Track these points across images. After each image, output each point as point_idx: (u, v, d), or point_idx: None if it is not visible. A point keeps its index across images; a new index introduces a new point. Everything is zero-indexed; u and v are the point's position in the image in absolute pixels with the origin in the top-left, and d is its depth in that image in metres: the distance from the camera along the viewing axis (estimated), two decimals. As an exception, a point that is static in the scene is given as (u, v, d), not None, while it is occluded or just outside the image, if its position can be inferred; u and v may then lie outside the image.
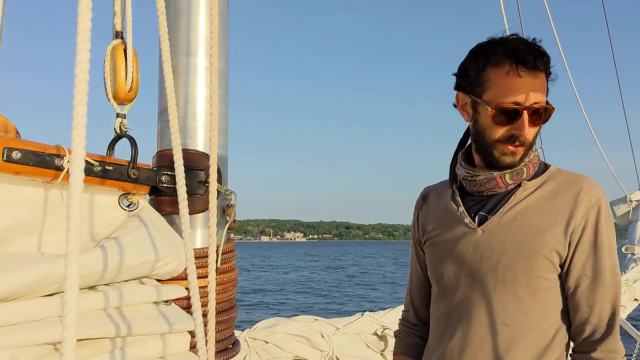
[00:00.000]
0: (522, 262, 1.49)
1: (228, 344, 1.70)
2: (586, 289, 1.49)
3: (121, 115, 1.63)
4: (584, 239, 1.49)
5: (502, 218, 1.54)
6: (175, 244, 1.59)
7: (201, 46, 1.73)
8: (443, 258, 1.63)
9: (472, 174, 1.59)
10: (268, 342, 3.07)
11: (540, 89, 1.50)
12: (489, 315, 1.52)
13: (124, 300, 1.44)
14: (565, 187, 1.54)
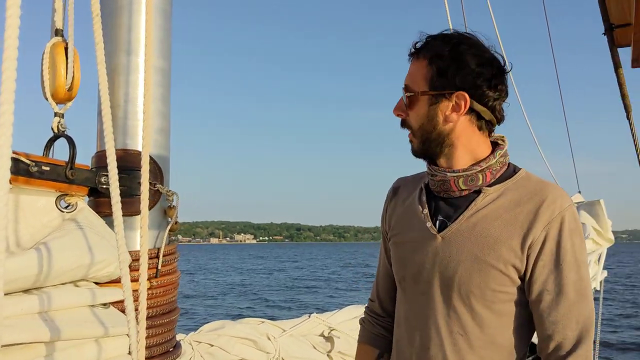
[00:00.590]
0: (477, 274, 1.45)
1: (169, 347, 1.67)
2: (548, 305, 1.43)
3: (59, 114, 1.59)
4: (544, 254, 1.43)
5: (461, 226, 1.50)
6: (114, 247, 1.56)
7: (142, 45, 1.71)
8: (405, 261, 1.60)
9: (431, 172, 1.57)
10: (213, 345, 3.04)
11: (411, 73, 1.52)
12: (446, 323, 1.49)
13: (59, 304, 1.40)
14: (528, 197, 1.47)
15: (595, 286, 7.76)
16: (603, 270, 8.12)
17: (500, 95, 1.52)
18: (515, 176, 1.53)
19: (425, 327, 1.53)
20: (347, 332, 3.72)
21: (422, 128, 1.52)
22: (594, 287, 7.72)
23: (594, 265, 7.65)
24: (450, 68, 1.47)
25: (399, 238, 1.65)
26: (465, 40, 1.50)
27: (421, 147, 1.54)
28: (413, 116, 1.52)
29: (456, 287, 1.47)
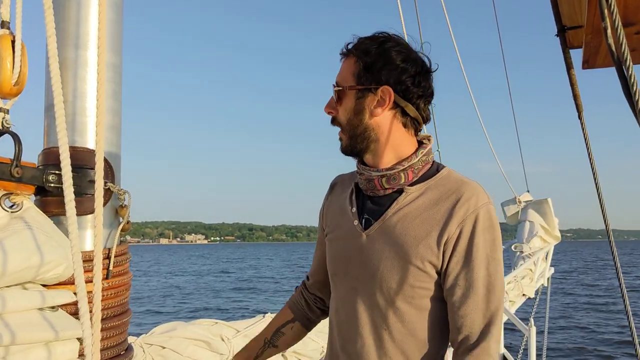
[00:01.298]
0: (397, 272, 1.51)
1: (121, 350, 1.63)
2: (458, 299, 1.49)
3: (4, 110, 1.53)
4: (457, 250, 1.48)
5: (384, 224, 1.55)
6: (62, 247, 1.51)
7: (92, 39, 1.66)
8: (336, 257, 1.66)
9: (359, 171, 1.62)
10: (165, 347, 2.99)
11: (342, 70, 1.58)
12: (371, 318, 1.55)
13: (4, 307, 1.35)
14: (446, 196, 1.52)
15: (543, 283, 7.97)
16: (550, 267, 8.34)
17: (424, 92, 1.57)
18: (437, 175, 1.58)
19: (353, 321, 1.58)
20: (301, 331, 3.71)
21: (350, 122, 1.57)
22: (541, 283, 7.93)
23: (541, 263, 7.85)
24: (376, 63, 1.52)
25: (332, 235, 1.70)
26: (392, 39, 1.56)
27: (349, 143, 1.58)
28: (342, 112, 1.57)
29: (378, 283, 1.53)
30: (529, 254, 7.78)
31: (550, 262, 8.29)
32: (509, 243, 8.25)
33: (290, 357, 3.61)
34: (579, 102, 1.90)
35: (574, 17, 1.67)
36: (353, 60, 1.56)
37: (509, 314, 4.96)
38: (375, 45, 1.54)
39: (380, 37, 1.56)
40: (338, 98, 1.57)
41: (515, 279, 6.94)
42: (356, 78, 1.55)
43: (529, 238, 8.09)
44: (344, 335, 1.61)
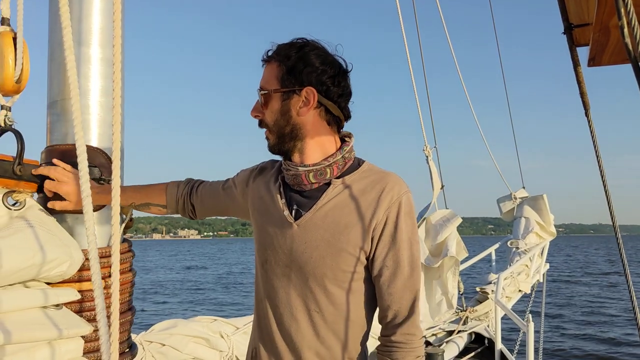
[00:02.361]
0: (329, 258, 1.60)
1: (124, 348, 1.63)
2: (387, 279, 1.61)
3: (6, 107, 1.52)
4: (384, 234, 1.60)
5: (315, 215, 1.64)
6: (66, 245, 1.51)
7: (95, 36, 1.65)
8: (266, 246, 1.73)
9: (286, 167, 1.70)
10: (165, 345, 2.98)
11: (266, 75, 1.67)
12: (303, 302, 1.64)
13: (8, 306, 1.34)
14: (371, 187, 1.64)
15: (539, 278, 7.99)
16: (546, 263, 8.36)
17: (344, 91, 1.68)
18: (360, 169, 1.70)
19: (286, 305, 1.67)
20: (300, 328, 3.71)
21: (277, 124, 1.65)
22: (537, 279, 7.94)
23: (537, 259, 7.86)
24: (297, 67, 1.62)
25: (261, 221, 1.77)
26: (310, 44, 1.67)
27: (277, 143, 1.66)
28: (268, 114, 1.65)
29: (311, 269, 1.62)
30: (524, 250, 7.78)
31: (545, 257, 8.30)
32: (505, 239, 8.26)
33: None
34: (585, 100, 1.89)
35: (581, 15, 1.67)
36: (275, 65, 1.65)
37: (506, 310, 4.97)
38: (295, 50, 1.64)
39: (299, 42, 1.67)
40: (264, 102, 1.66)
41: (511, 274, 6.95)
42: (280, 81, 1.64)
43: (524, 234, 8.09)
44: (278, 318, 1.69)
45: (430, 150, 5.53)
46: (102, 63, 1.67)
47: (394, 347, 1.61)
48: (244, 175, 1.88)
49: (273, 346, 1.69)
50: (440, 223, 5.67)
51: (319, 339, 1.64)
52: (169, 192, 1.89)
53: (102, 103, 1.67)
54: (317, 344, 1.64)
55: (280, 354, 1.68)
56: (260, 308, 1.75)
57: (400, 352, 1.60)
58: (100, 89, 1.66)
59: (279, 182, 1.74)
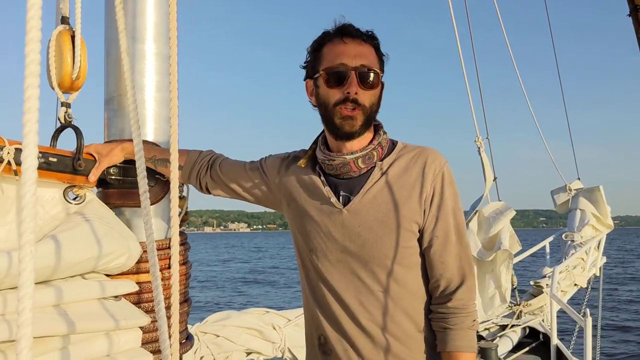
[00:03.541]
0: (387, 237, 1.63)
1: (182, 339, 1.66)
2: (438, 249, 1.65)
3: (66, 104, 1.56)
4: (433, 205, 1.66)
5: (364, 198, 1.66)
6: (124, 238, 1.54)
7: (149, 32, 1.67)
8: (313, 234, 1.73)
9: (329, 158, 1.68)
10: (219, 336, 3.03)
11: (366, 55, 1.64)
12: (367, 285, 1.66)
13: (70, 297, 1.38)
14: (413, 162, 1.69)
15: (595, 272, 7.78)
16: (602, 256, 8.13)
17: None
18: (396, 148, 1.73)
19: (347, 290, 1.67)
20: (351, 321, 3.71)
21: (373, 107, 1.66)
22: (593, 273, 7.73)
23: (593, 252, 7.66)
24: (382, 54, 1.69)
25: (304, 211, 1.75)
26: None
27: (362, 125, 1.63)
28: (368, 95, 1.63)
29: (369, 251, 1.64)
30: (580, 243, 7.59)
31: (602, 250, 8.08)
32: (560, 232, 8.07)
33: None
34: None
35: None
36: (372, 48, 1.67)
37: (562, 304, 4.84)
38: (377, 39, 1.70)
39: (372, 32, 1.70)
40: (368, 80, 1.63)
41: (567, 268, 6.79)
42: (379, 65, 1.67)
43: (580, 227, 7.89)
44: (341, 303, 1.69)
45: (482, 142, 5.43)
46: (157, 58, 1.69)
47: (451, 313, 1.64)
48: (274, 162, 1.85)
49: (342, 331, 1.69)
50: (493, 216, 5.57)
51: (388, 317, 1.65)
52: (189, 157, 1.86)
53: (157, 98, 1.69)
54: (386, 322, 1.65)
55: (352, 337, 1.68)
56: (317, 296, 1.75)
57: (457, 317, 1.64)
58: (155, 85, 1.69)
59: (317, 171, 1.74)
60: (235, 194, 1.88)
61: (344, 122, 1.62)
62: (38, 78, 0.58)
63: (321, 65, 1.66)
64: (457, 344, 1.63)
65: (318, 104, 1.68)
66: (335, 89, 1.62)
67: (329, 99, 1.63)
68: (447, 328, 1.65)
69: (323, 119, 1.69)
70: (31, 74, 0.57)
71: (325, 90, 1.64)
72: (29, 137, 0.58)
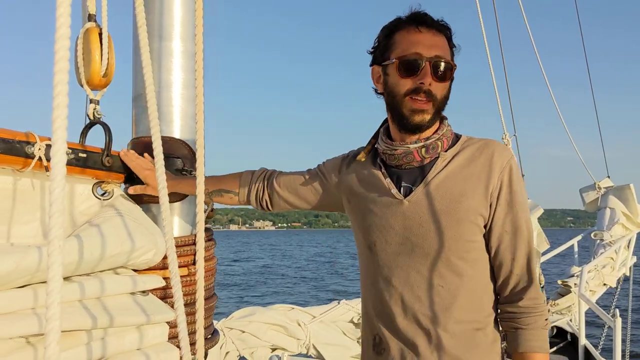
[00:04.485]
0: (450, 229, 1.57)
1: (207, 334, 1.67)
2: (508, 244, 1.60)
3: (94, 101, 1.58)
4: (501, 199, 1.59)
5: (426, 188, 1.61)
6: (151, 234, 1.55)
7: (176, 30, 1.69)
8: (373, 227, 1.69)
9: (391, 148, 1.64)
10: (244, 332, 3.05)
11: (441, 46, 1.59)
12: (427, 279, 1.60)
13: (99, 292, 1.40)
14: (478, 153, 1.62)
15: (625, 272, 7.65)
16: (633, 256, 8.00)
17: None
18: (461, 139, 1.68)
19: (406, 284, 1.62)
20: (376, 318, 3.71)
21: (444, 99, 1.63)
22: (623, 272, 7.61)
23: (623, 251, 7.53)
24: (453, 46, 1.64)
25: (363, 205, 1.72)
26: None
27: (432, 118, 1.60)
28: (441, 87, 1.60)
29: (430, 243, 1.59)
30: (609, 242, 7.48)
31: (632, 250, 7.95)
32: (588, 231, 7.96)
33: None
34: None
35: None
36: (445, 38, 1.62)
37: (591, 304, 4.76)
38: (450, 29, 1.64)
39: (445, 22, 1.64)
40: (441, 72, 1.58)
41: (595, 267, 6.69)
42: (451, 57, 1.63)
43: (609, 225, 7.77)
44: (399, 299, 1.63)
45: (509, 139, 5.36)
46: (184, 56, 1.71)
47: (523, 313, 1.59)
48: (334, 164, 1.84)
49: (398, 330, 1.63)
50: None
51: (448, 314, 1.59)
52: (242, 180, 1.86)
53: (184, 95, 1.71)
54: (446, 319, 1.59)
55: (408, 336, 1.62)
56: (374, 293, 1.70)
57: (530, 317, 1.58)
58: (182, 82, 1.70)
59: (378, 164, 1.70)
60: (297, 205, 1.88)
61: (414, 114, 1.57)
62: (67, 75, 0.59)
63: (393, 52, 1.61)
64: (531, 345, 1.57)
65: (385, 92, 1.64)
66: (407, 79, 1.57)
67: (399, 88, 1.59)
68: (519, 328, 1.59)
69: (389, 108, 1.65)
70: (61, 70, 0.58)
71: (397, 79, 1.59)
72: (58, 133, 0.59)
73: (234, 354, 3.01)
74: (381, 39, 1.66)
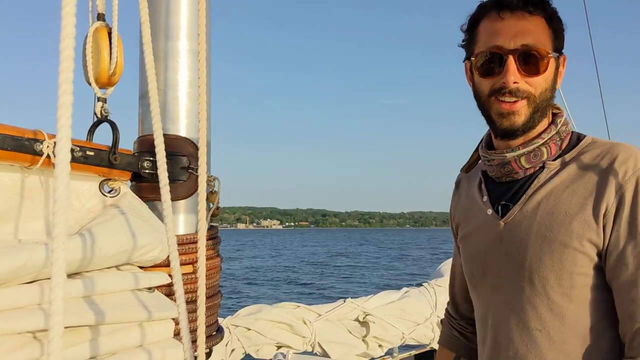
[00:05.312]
0: (549, 257, 1.28)
1: (212, 331, 1.68)
2: (627, 280, 1.23)
3: (102, 99, 1.60)
4: (619, 221, 1.24)
5: (525, 207, 1.35)
6: (158, 231, 1.56)
7: (182, 29, 1.70)
8: (470, 256, 1.49)
9: (487, 157, 1.43)
10: (250, 329, 3.06)
11: (531, 31, 1.32)
12: (520, 320, 1.34)
13: (104, 288, 1.41)
14: (596, 161, 1.29)
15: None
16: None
17: None
18: (580, 144, 1.36)
19: (499, 326, 1.38)
20: (381, 316, 3.72)
21: (544, 95, 1.34)
22: None
23: None
24: (561, 27, 1.36)
25: (463, 232, 1.52)
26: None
27: (529, 119, 1.33)
28: (536, 82, 1.32)
29: (527, 275, 1.32)
30: None
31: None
32: None
33: (371, 342, 3.63)
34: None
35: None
36: (543, 20, 1.34)
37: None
38: (552, 6, 1.35)
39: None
40: (536, 65, 1.32)
41: None
42: (552, 43, 1.34)
43: None
44: (494, 343, 1.40)
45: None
46: (190, 55, 1.72)
47: None
48: (450, 215, 1.64)
49: None
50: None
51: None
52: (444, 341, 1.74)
53: (190, 94, 1.72)
54: None
55: None
56: (478, 332, 1.51)
57: None
58: (188, 81, 1.71)
59: (479, 179, 1.49)
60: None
61: (502, 118, 1.34)
62: (72, 74, 0.61)
63: (476, 47, 1.38)
64: None
65: (474, 93, 1.41)
66: (489, 78, 1.34)
67: (482, 88, 1.37)
68: None
69: (481, 112, 1.41)
70: (65, 69, 0.59)
71: (479, 78, 1.37)
72: (63, 131, 0.60)
73: (240, 351, 3.02)
74: (467, 31, 1.43)
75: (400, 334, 3.79)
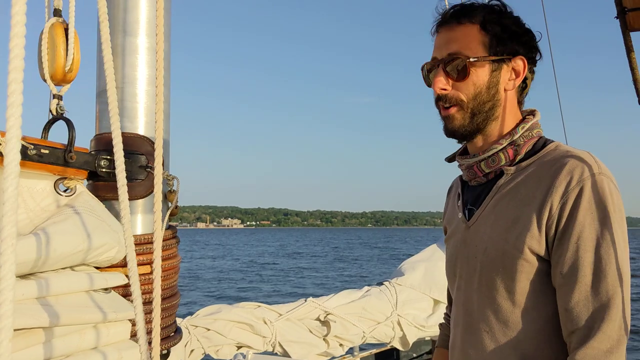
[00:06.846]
0: (498, 262, 1.31)
1: (170, 332, 1.66)
2: (563, 290, 1.25)
3: (58, 96, 1.56)
4: (560, 231, 1.25)
5: (484, 212, 1.39)
6: (115, 231, 1.54)
7: (142, 26, 1.68)
8: (447, 257, 1.53)
9: (458, 161, 1.48)
10: (210, 330, 3.04)
11: (458, 39, 1.38)
12: (476, 322, 1.38)
13: (59, 289, 1.38)
14: (546, 170, 1.30)
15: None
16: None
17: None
18: (543, 150, 1.37)
19: (456, 325, 1.45)
20: (342, 316, 3.73)
21: (477, 99, 1.37)
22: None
23: None
24: (507, 30, 1.38)
25: (447, 235, 1.57)
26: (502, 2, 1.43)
27: (468, 123, 1.37)
28: (466, 87, 1.36)
29: (481, 278, 1.35)
30: None
31: None
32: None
33: (332, 341, 3.64)
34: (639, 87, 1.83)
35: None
36: (475, 27, 1.37)
37: None
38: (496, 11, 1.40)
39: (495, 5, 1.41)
40: (460, 71, 1.36)
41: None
42: (488, 48, 1.37)
43: None
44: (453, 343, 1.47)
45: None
46: (149, 52, 1.69)
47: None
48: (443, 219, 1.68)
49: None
50: None
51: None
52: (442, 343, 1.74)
53: (149, 92, 1.70)
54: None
55: None
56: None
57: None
58: (147, 78, 1.69)
59: (458, 182, 1.55)
60: None
61: (444, 123, 1.41)
62: (22, 73, 0.59)
63: None
64: None
65: None
66: (432, 87, 1.42)
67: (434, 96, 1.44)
68: None
69: None
70: (15, 69, 0.58)
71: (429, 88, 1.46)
72: (12, 131, 0.59)
73: (199, 351, 3.00)
74: None
75: (361, 332, 3.82)
